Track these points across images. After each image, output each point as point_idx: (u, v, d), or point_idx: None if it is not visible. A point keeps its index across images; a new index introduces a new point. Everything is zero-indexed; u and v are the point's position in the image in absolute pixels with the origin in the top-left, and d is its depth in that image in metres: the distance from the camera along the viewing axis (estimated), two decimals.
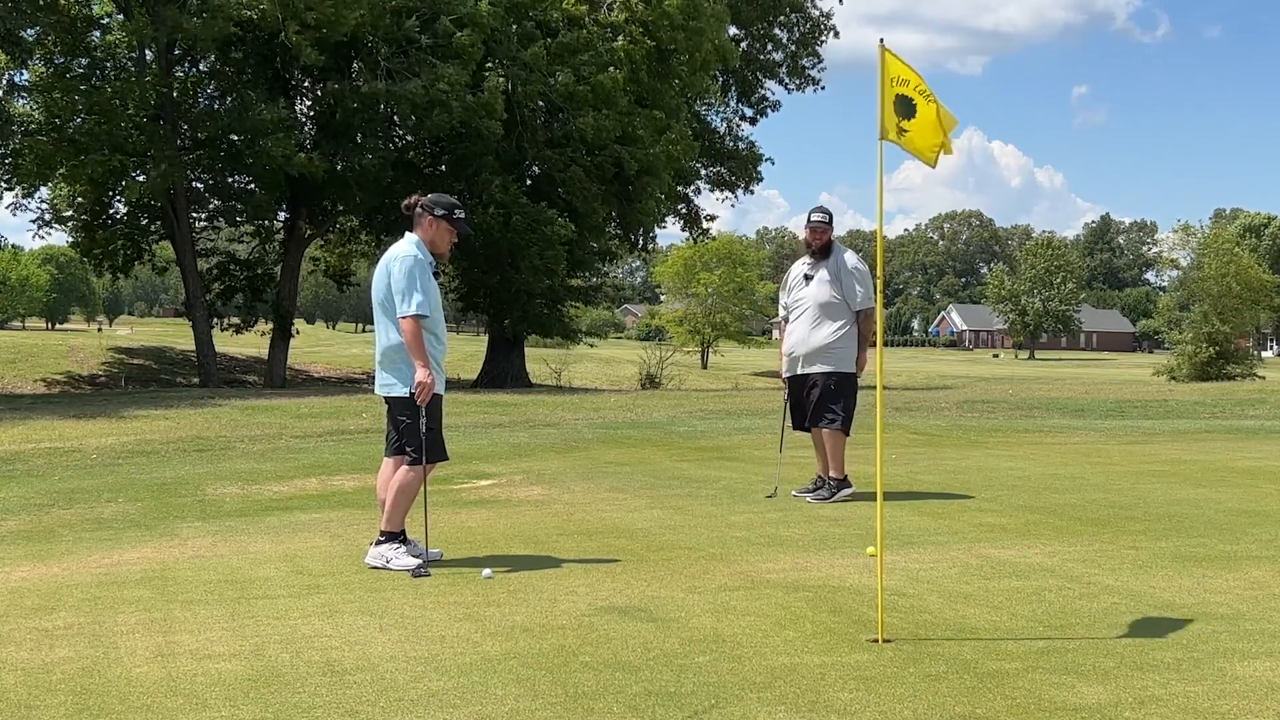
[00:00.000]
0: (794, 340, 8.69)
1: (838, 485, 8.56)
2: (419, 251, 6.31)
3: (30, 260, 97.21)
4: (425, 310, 6.19)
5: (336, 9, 24.88)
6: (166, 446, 12.66)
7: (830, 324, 8.53)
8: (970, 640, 4.71)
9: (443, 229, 6.37)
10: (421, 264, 6.26)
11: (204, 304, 30.14)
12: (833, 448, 8.57)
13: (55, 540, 7.43)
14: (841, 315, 8.56)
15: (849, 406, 8.61)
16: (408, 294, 6.18)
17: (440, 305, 6.47)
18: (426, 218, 6.37)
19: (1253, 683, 4.12)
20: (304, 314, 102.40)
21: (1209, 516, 7.69)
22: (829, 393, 8.55)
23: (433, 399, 6.27)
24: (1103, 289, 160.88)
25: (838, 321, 8.54)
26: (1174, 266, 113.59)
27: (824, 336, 8.53)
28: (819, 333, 8.55)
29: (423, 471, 6.33)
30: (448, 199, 6.47)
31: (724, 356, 77.81)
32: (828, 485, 8.60)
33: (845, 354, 8.55)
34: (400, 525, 6.35)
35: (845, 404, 8.57)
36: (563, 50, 28.15)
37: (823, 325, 8.54)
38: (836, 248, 8.69)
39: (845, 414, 8.56)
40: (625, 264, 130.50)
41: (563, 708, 3.91)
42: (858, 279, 8.56)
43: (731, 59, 33.91)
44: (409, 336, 6.18)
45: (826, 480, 8.63)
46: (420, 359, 6.18)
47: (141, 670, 4.40)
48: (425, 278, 6.25)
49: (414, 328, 6.17)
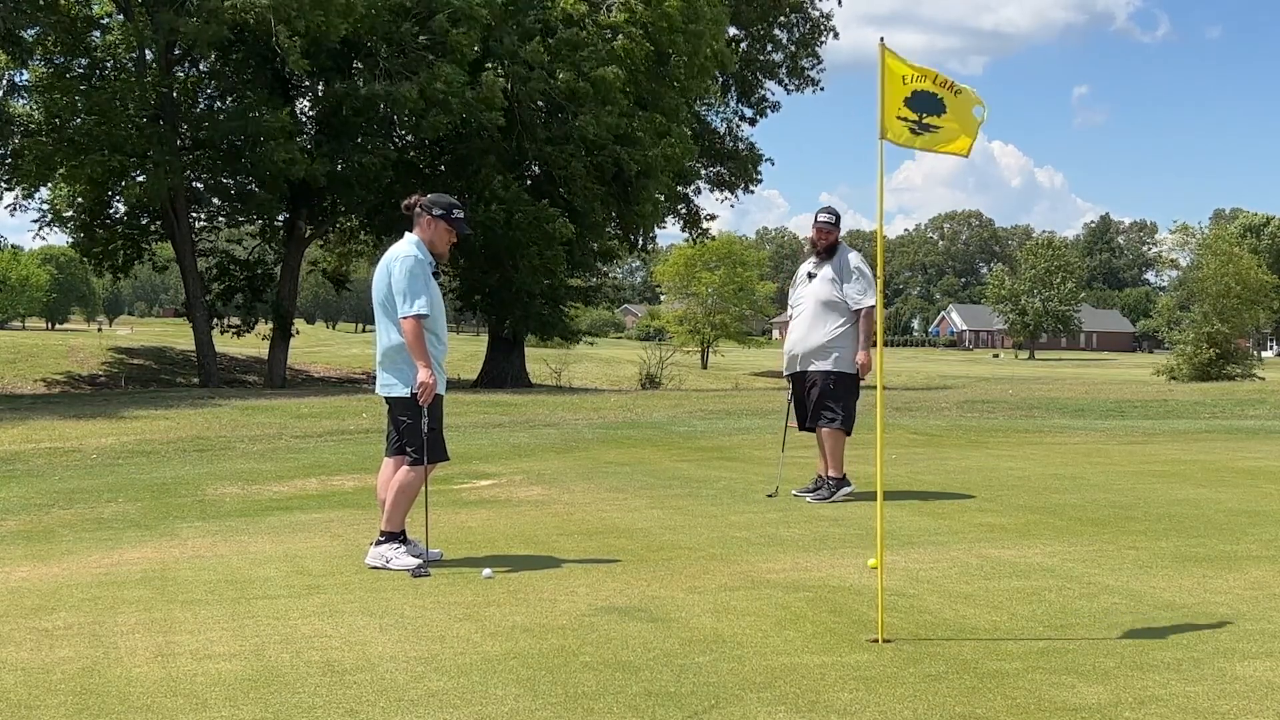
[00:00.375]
0: (794, 338, 8.72)
1: (836, 484, 8.55)
2: (419, 251, 6.30)
3: (30, 260, 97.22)
4: (426, 310, 6.19)
5: (327, 17, 24.84)
6: (166, 446, 12.65)
7: (829, 323, 8.55)
8: (970, 640, 4.71)
9: (441, 229, 6.37)
10: (422, 264, 6.26)
11: (204, 304, 30.13)
12: (831, 447, 8.57)
13: (55, 540, 7.43)
14: (841, 314, 8.57)
15: (849, 406, 8.59)
16: (409, 294, 6.18)
17: (441, 305, 6.47)
18: (425, 217, 6.37)
19: (1253, 683, 4.12)
20: (304, 314, 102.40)
21: (1209, 516, 7.69)
22: (827, 391, 8.57)
23: (434, 399, 6.27)
24: (1103, 289, 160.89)
25: (837, 320, 8.55)
26: (1173, 267, 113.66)
27: (822, 335, 8.55)
28: (817, 331, 8.57)
29: (424, 471, 6.34)
30: (446, 199, 6.47)
31: (724, 356, 77.82)
32: (826, 485, 8.60)
33: (844, 353, 8.55)
34: (400, 525, 6.35)
35: (845, 403, 8.56)
36: (562, 47, 28.13)
37: (821, 324, 8.56)
38: (842, 248, 8.71)
39: (845, 413, 8.55)
40: (625, 264, 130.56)
41: (563, 708, 3.91)
42: (857, 278, 8.58)
43: (729, 65, 33.91)
44: (410, 337, 6.18)
45: (826, 480, 8.63)
46: (422, 359, 6.18)
47: (141, 670, 4.40)
48: (426, 277, 6.25)
49: (415, 328, 6.17)
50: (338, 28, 25.11)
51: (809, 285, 8.71)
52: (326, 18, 24.84)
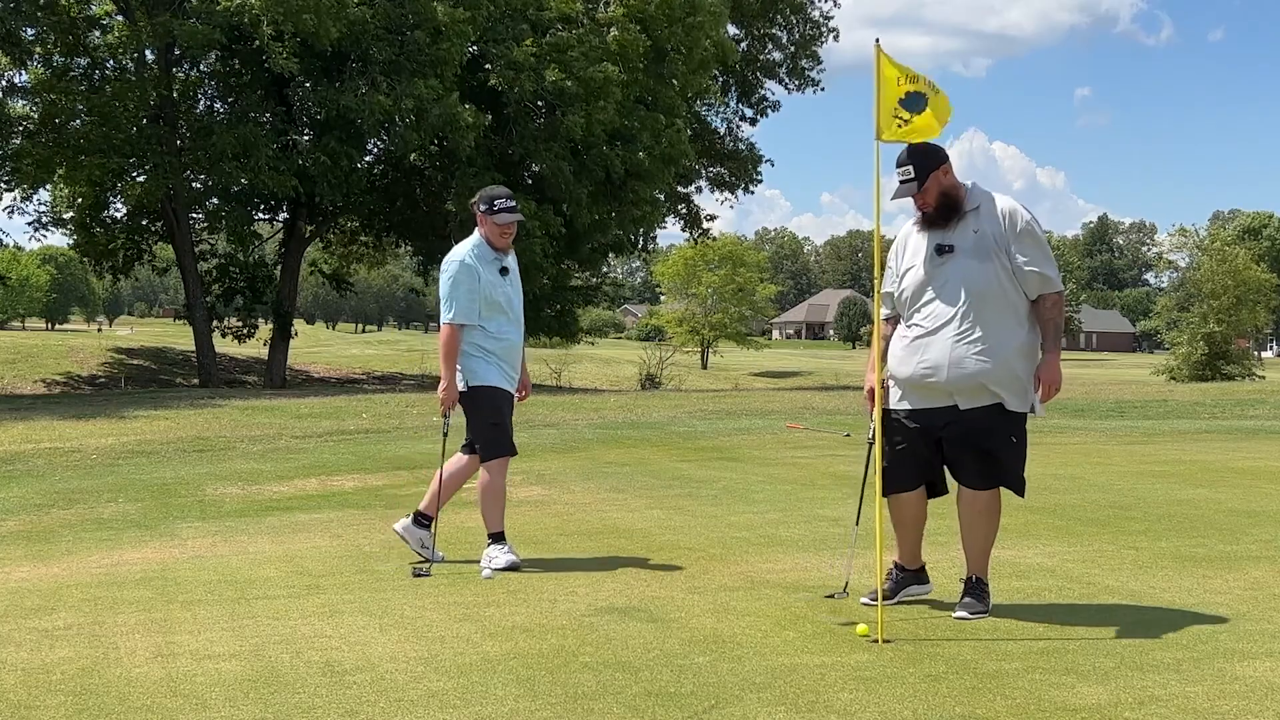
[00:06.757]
0: (934, 355, 5.05)
1: (982, 587, 5.24)
2: (468, 255, 6.31)
3: (30, 260, 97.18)
4: (465, 319, 6.24)
5: (318, 19, 24.78)
6: (166, 447, 12.64)
7: (1001, 326, 5.02)
8: (970, 640, 4.71)
9: (490, 224, 6.34)
10: (467, 269, 6.26)
11: (204, 305, 30.12)
12: (988, 527, 5.28)
13: (55, 540, 7.42)
14: (1014, 310, 5.07)
15: (1023, 457, 5.21)
16: (447, 301, 6.27)
17: (512, 298, 6.40)
18: (478, 214, 6.38)
19: (1253, 683, 4.12)
20: (304, 314, 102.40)
21: (1209, 516, 7.69)
22: (1004, 443, 5.12)
23: (492, 393, 6.31)
24: (1102, 289, 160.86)
25: (1010, 320, 5.04)
26: (1172, 268, 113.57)
27: (994, 348, 4.98)
28: (980, 342, 4.98)
29: (495, 467, 6.35)
30: (491, 192, 6.43)
31: (724, 357, 77.82)
32: (976, 590, 5.20)
33: (1026, 375, 5.08)
34: (498, 525, 6.33)
35: (1022, 454, 5.20)
36: (552, 50, 28.07)
37: (990, 329, 5.00)
38: (975, 192, 5.15)
39: (1018, 469, 5.21)
40: (625, 264, 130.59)
41: (563, 708, 3.91)
42: (1028, 242, 5.06)
43: (731, 57, 33.83)
44: (441, 343, 6.29)
45: (974, 584, 5.23)
46: (448, 366, 6.27)
47: (141, 670, 4.40)
48: (470, 282, 6.24)
49: (447, 335, 6.26)
50: (329, 30, 25.04)
51: (944, 264, 5.07)
52: (317, 19, 24.78)
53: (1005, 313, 5.01)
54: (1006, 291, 5.01)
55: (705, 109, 37.61)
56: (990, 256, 5.00)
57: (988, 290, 4.98)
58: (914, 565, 5.48)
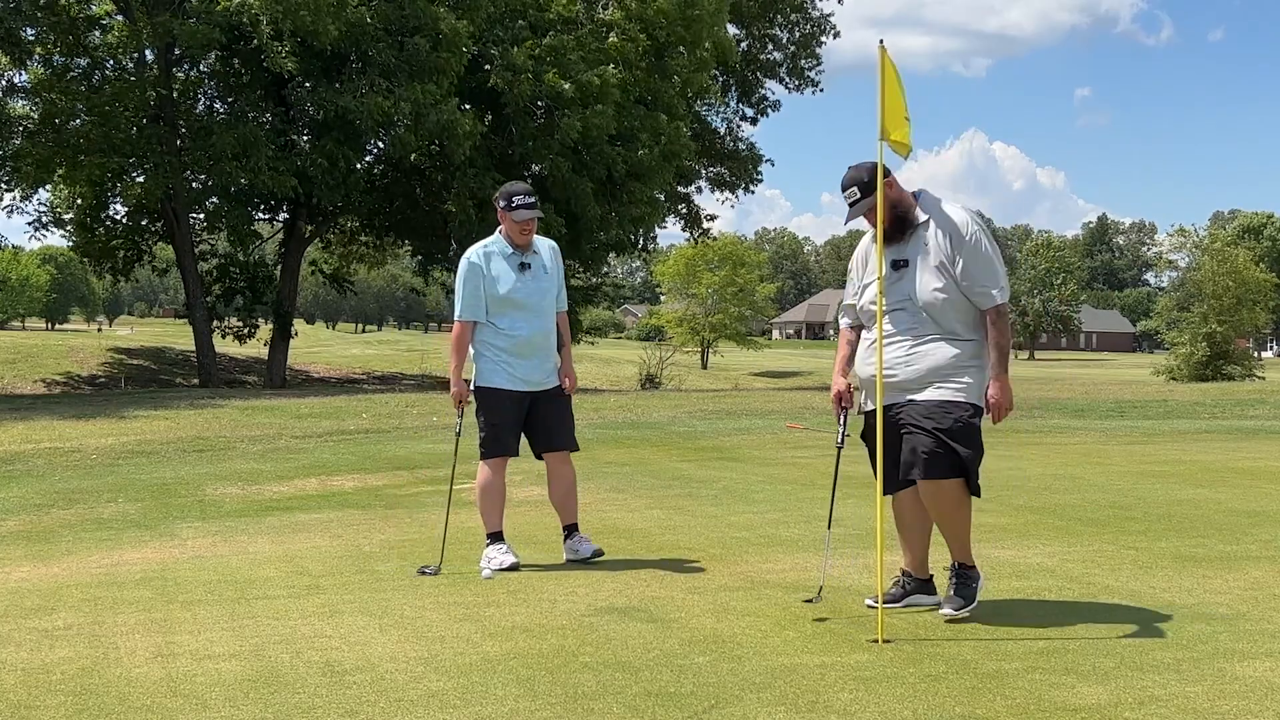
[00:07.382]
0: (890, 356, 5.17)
1: (968, 574, 5.28)
2: (475, 253, 6.35)
3: (30, 260, 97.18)
4: (469, 316, 6.29)
5: (316, 17, 24.77)
6: (166, 446, 12.65)
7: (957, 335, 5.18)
8: (970, 640, 4.71)
9: (509, 220, 6.33)
10: (472, 266, 6.30)
11: (204, 305, 30.12)
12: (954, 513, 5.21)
13: (55, 540, 7.42)
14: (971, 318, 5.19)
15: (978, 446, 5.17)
16: (456, 298, 6.37)
17: (531, 294, 6.33)
18: (499, 210, 6.37)
19: (1253, 683, 4.12)
20: (304, 314, 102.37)
21: (1209, 516, 7.68)
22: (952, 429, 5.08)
23: (491, 395, 6.32)
24: (1102, 289, 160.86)
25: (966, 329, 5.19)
26: (1172, 268, 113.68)
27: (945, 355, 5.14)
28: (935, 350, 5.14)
29: (490, 467, 6.41)
30: (510, 188, 6.41)
31: (724, 357, 77.80)
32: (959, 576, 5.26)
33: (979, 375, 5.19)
34: (497, 525, 6.36)
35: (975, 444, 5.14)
36: (550, 53, 28.06)
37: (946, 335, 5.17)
38: (925, 200, 5.27)
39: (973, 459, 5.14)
40: (625, 264, 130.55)
41: (563, 708, 3.91)
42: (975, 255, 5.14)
43: (731, 55, 33.81)
44: (452, 339, 6.40)
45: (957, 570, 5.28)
46: (455, 364, 6.35)
47: (141, 670, 4.40)
48: (474, 279, 6.27)
49: (454, 331, 6.37)
50: (328, 29, 25.02)
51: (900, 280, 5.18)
52: (315, 17, 24.76)
53: (958, 321, 5.19)
54: (957, 301, 5.18)
55: (705, 109, 37.58)
56: (942, 268, 5.16)
57: (942, 302, 5.16)
58: (923, 575, 5.46)
